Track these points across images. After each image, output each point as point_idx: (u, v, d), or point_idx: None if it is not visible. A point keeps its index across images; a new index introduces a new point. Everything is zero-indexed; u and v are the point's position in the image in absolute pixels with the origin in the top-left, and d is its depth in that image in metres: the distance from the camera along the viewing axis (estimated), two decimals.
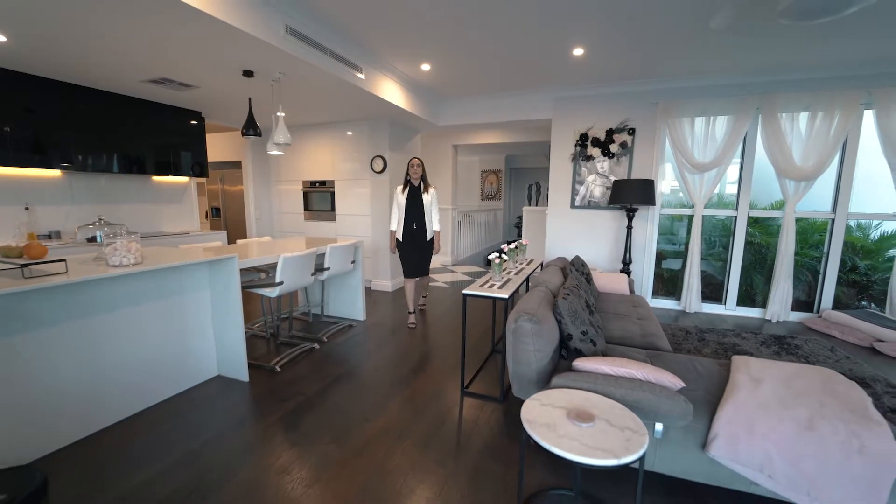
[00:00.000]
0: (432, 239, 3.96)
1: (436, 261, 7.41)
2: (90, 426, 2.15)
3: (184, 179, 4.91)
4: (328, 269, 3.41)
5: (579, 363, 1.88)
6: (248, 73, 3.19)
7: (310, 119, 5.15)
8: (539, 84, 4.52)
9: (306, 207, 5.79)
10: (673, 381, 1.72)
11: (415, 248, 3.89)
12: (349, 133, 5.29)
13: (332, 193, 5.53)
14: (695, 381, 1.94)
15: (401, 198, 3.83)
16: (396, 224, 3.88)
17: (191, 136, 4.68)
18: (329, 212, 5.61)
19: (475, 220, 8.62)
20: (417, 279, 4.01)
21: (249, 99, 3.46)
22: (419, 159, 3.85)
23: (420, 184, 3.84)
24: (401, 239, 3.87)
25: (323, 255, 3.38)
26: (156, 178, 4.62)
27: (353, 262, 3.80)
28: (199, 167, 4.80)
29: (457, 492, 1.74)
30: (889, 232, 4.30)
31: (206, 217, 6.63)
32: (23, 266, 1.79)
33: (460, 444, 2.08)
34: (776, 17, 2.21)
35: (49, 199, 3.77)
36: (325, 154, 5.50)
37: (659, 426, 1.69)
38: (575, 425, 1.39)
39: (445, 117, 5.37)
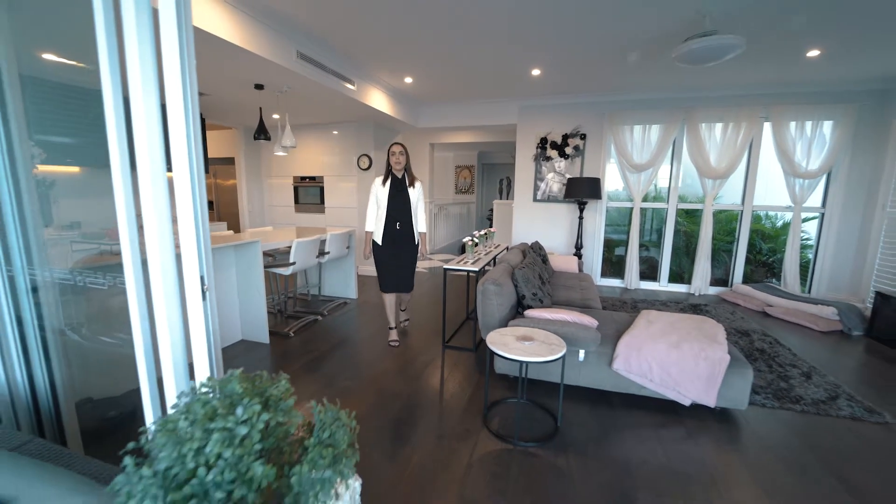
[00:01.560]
0: (417, 244, 3.26)
1: None
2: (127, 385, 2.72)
3: None
4: (328, 252, 4.02)
5: (528, 312, 2.61)
6: (259, 87, 3.74)
7: (302, 120, 5.67)
8: (506, 94, 5.24)
9: (296, 201, 6.32)
10: (590, 322, 2.49)
11: (396, 255, 3.17)
12: (335, 132, 5.85)
13: (322, 188, 6.08)
14: (609, 324, 2.71)
15: (381, 191, 3.12)
16: (374, 224, 3.17)
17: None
18: (318, 204, 6.16)
19: (450, 212, 9.31)
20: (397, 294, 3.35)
21: (260, 108, 4.01)
22: (401, 145, 3.15)
23: (404, 175, 3.17)
24: (379, 242, 3.14)
25: (324, 241, 3.99)
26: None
27: (347, 247, 4.42)
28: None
29: (443, 403, 2.45)
30: (787, 220, 5.28)
31: None
32: (111, 245, 2.35)
33: (443, 377, 2.79)
34: (675, 60, 2.99)
35: (70, 193, 4.19)
36: (315, 152, 6.03)
37: (581, 352, 2.45)
38: (520, 343, 2.11)
39: (424, 120, 6.01)
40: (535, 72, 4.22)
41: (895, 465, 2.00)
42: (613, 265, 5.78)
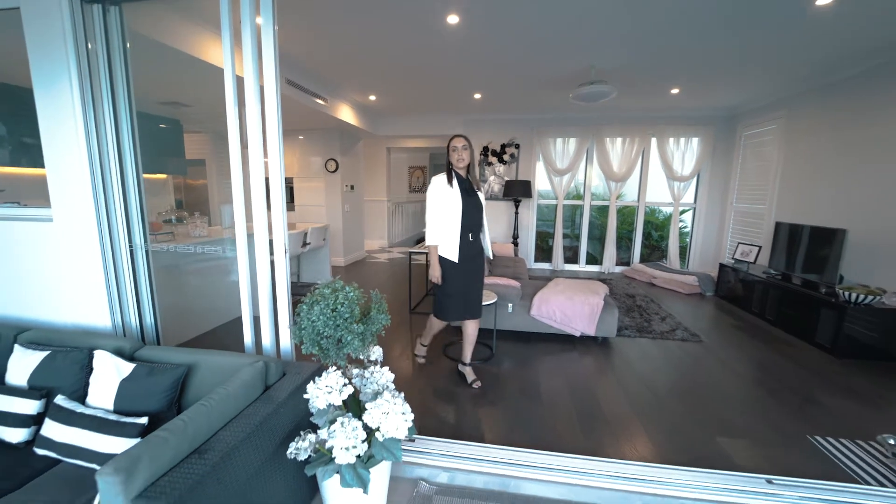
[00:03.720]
0: (486, 258, 2.76)
1: (374, 244, 8.87)
2: (194, 331, 3.42)
3: (163, 176, 5.82)
4: (309, 243, 4.80)
5: None
6: None
7: None
8: (454, 110, 6.24)
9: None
10: (515, 284, 3.56)
11: (469, 273, 2.60)
12: (300, 137, 6.55)
13: (291, 188, 6.75)
14: (530, 287, 3.81)
15: (450, 194, 2.48)
16: (438, 237, 2.53)
17: (169, 140, 5.63)
18: (288, 203, 6.81)
19: (406, 209, 10.21)
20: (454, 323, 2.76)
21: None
22: (465, 138, 2.50)
23: (468, 175, 2.58)
24: (455, 259, 2.52)
25: (306, 233, 4.77)
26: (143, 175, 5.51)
27: (324, 239, 5.21)
28: (176, 165, 5.78)
29: (414, 345, 3.40)
30: (670, 213, 6.76)
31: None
32: (155, 234, 3.04)
33: (411, 329, 3.74)
34: (572, 99, 4.14)
35: None
36: (286, 155, 6.68)
37: (510, 305, 3.51)
38: None
39: (383, 129, 6.87)
40: (477, 95, 5.25)
41: (696, 363, 3.25)
42: (544, 252, 7.00)
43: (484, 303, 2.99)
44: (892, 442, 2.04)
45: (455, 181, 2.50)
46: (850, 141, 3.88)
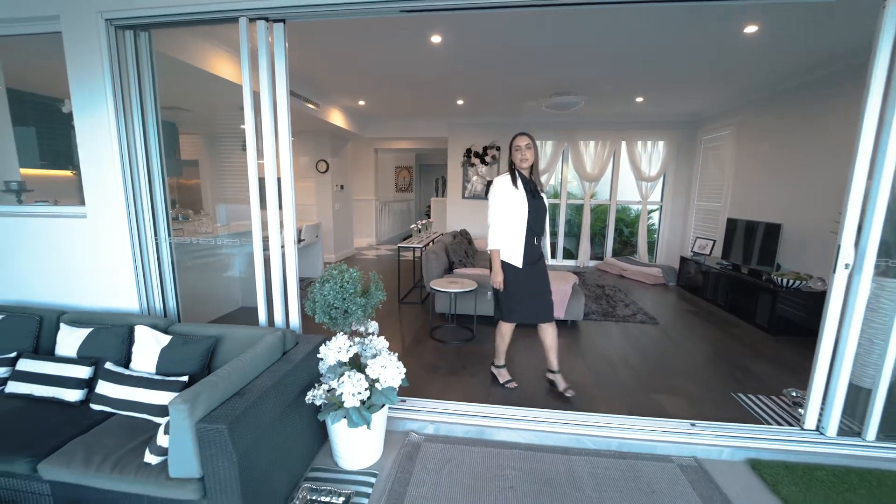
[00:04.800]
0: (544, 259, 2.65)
1: (363, 241, 9.19)
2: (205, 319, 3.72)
3: None
4: (304, 240, 5.13)
5: (456, 270, 4.04)
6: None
7: None
8: (439, 114, 6.63)
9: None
10: None
11: (538, 277, 2.57)
12: (291, 139, 6.84)
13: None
14: None
15: (517, 196, 2.43)
16: (503, 240, 2.49)
17: (166, 143, 5.87)
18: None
19: (393, 208, 10.55)
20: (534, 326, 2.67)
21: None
22: (528, 137, 2.45)
23: (531, 176, 2.51)
24: (518, 265, 2.48)
25: (300, 230, 5.10)
26: None
27: (316, 236, 5.54)
28: (171, 166, 6.01)
29: (403, 329, 3.77)
30: (639, 211, 7.28)
31: None
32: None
33: (400, 317, 4.12)
34: (545, 108, 4.57)
35: (70, 194, 4.84)
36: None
37: (489, 293, 3.91)
38: (450, 284, 3.51)
39: (371, 131, 7.22)
40: (460, 101, 5.65)
41: (649, 341, 3.71)
42: None
43: (466, 289, 3.39)
44: (794, 394, 2.51)
45: (520, 182, 2.44)
46: (786, 145, 4.40)
